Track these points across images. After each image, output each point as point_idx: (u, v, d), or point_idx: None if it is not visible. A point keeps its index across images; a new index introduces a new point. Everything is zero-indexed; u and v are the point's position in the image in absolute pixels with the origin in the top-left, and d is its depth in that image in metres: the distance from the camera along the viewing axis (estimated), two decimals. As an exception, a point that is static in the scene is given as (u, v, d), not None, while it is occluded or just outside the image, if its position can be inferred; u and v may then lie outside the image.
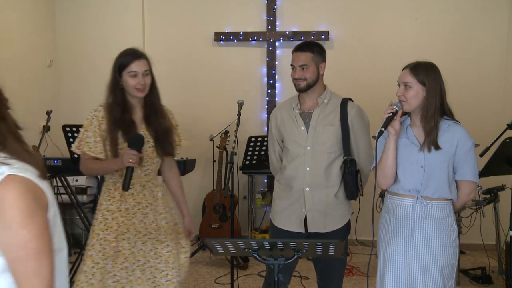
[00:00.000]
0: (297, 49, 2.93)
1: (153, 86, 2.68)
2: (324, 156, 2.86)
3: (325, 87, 2.98)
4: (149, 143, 2.64)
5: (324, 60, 2.95)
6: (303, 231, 2.90)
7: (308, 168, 2.87)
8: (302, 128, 2.90)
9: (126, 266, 2.60)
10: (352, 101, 2.97)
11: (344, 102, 2.92)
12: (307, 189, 2.87)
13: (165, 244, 2.67)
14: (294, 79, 2.91)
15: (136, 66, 2.59)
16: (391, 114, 2.46)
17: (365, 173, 2.95)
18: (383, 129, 2.45)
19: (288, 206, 2.93)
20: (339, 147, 2.88)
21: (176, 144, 2.76)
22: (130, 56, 2.61)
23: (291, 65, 2.93)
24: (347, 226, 2.98)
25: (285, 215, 2.94)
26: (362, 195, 2.99)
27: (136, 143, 2.53)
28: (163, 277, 2.64)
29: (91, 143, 2.60)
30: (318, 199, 2.87)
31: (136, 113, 2.68)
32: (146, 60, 2.63)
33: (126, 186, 2.49)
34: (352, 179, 2.85)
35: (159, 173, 2.83)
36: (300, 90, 2.91)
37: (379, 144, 2.55)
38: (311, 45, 2.95)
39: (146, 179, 2.67)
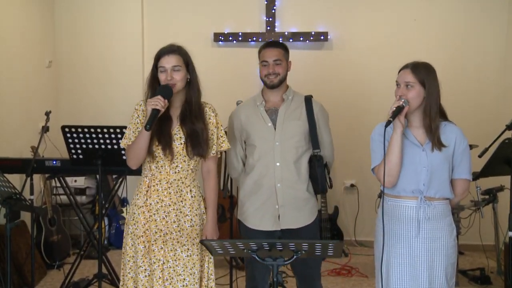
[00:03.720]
0: (268, 45, 3.03)
1: (190, 83, 2.66)
2: (293, 151, 2.94)
3: (287, 86, 3.07)
4: (181, 140, 2.64)
5: (289, 59, 3.05)
6: (278, 228, 2.94)
7: (278, 164, 2.93)
8: (269, 124, 2.97)
9: (153, 262, 2.62)
10: (313, 98, 3.07)
11: (308, 99, 3.03)
12: (279, 185, 2.93)
13: (185, 248, 2.64)
14: (266, 75, 2.96)
15: (164, 61, 2.59)
16: (399, 106, 2.43)
17: (330, 164, 3.11)
18: (391, 119, 2.42)
19: (260, 205, 2.96)
20: (307, 142, 2.97)
21: (212, 143, 2.70)
22: (161, 51, 2.63)
23: (263, 61, 2.98)
24: (318, 221, 3.09)
25: (259, 215, 2.97)
26: (331, 188, 3.10)
27: (163, 90, 2.55)
28: (179, 281, 2.62)
29: (131, 135, 2.66)
30: (289, 194, 2.93)
31: (174, 109, 2.68)
32: (178, 55, 2.61)
33: (147, 126, 2.48)
34: (322, 172, 2.95)
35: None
36: (273, 86, 2.97)
37: (376, 145, 2.56)
38: (281, 43, 3.10)
39: (175, 177, 2.64)
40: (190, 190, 2.68)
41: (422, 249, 2.50)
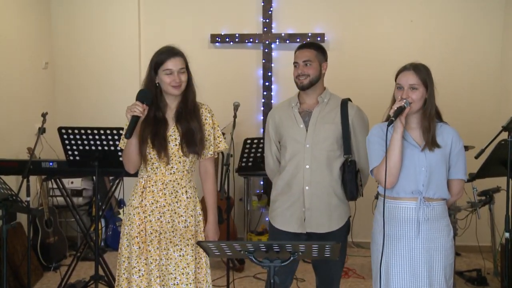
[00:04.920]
0: (301, 46, 2.96)
1: (189, 84, 2.68)
2: (324, 154, 2.86)
3: (325, 88, 2.99)
4: (176, 141, 2.64)
5: (326, 61, 2.97)
6: (304, 231, 2.89)
7: (307, 166, 2.86)
8: (301, 126, 2.90)
9: (149, 262, 2.62)
10: (351, 102, 2.98)
11: (344, 102, 2.94)
12: (307, 187, 2.86)
13: (178, 248, 2.64)
14: (296, 77, 2.91)
15: (171, 64, 2.60)
16: (400, 106, 2.42)
17: (366, 173, 2.93)
18: (393, 118, 2.42)
19: (288, 207, 2.92)
20: (339, 146, 2.87)
21: (209, 144, 2.71)
22: (165, 54, 2.62)
23: (294, 62, 2.93)
24: (346, 227, 2.98)
25: (286, 216, 2.92)
26: (362, 196, 2.98)
27: (141, 95, 2.56)
28: (170, 280, 2.63)
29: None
30: (317, 198, 2.86)
31: (170, 110, 2.68)
32: (182, 58, 2.64)
33: (127, 134, 2.48)
34: (352, 179, 2.84)
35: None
36: (303, 88, 2.90)
37: (374, 146, 2.55)
38: (315, 44, 3.01)
39: (170, 178, 2.65)
40: (186, 191, 2.68)
41: (421, 250, 2.50)
